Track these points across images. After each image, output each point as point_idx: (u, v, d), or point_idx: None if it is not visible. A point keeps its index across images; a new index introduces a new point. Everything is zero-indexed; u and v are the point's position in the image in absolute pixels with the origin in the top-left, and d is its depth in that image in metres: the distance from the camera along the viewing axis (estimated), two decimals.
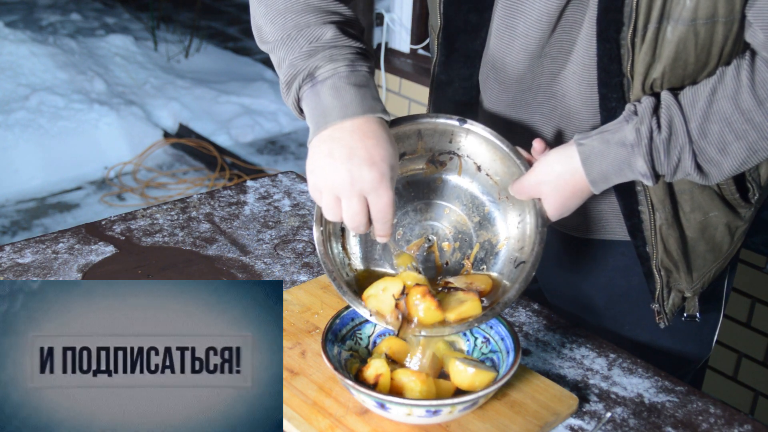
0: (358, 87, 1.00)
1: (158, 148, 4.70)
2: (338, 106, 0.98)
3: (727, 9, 0.96)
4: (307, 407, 1.00)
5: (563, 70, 1.12)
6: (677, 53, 1.00)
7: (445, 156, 1.13)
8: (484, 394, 0.94)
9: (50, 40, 5.63)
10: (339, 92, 0.99)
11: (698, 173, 1.02)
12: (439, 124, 1.11)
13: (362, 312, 1.04)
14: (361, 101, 0.99)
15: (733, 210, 1.16)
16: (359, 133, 0.97)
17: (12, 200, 4.12)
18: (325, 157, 0.97)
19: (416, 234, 1.14)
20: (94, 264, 1.34)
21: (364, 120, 0.98)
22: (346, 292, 1.04)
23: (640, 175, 1.03)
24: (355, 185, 0.96)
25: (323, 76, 1.00)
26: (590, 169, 1.04)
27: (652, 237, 1.14)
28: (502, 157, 1.10)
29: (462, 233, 1.14)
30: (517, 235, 1.10)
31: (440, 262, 1.13)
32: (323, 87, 1.00)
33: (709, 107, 0.99)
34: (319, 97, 1.00)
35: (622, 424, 1.03)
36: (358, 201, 0.97)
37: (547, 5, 1.06)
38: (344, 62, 1.01)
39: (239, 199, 1.60)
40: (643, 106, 1.01)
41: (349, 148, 0.96)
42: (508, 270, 1.09)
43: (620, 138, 1.02)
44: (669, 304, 1.20)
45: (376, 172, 0.96)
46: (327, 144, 0.97)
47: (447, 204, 1.15)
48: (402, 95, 3.30)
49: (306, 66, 1.01)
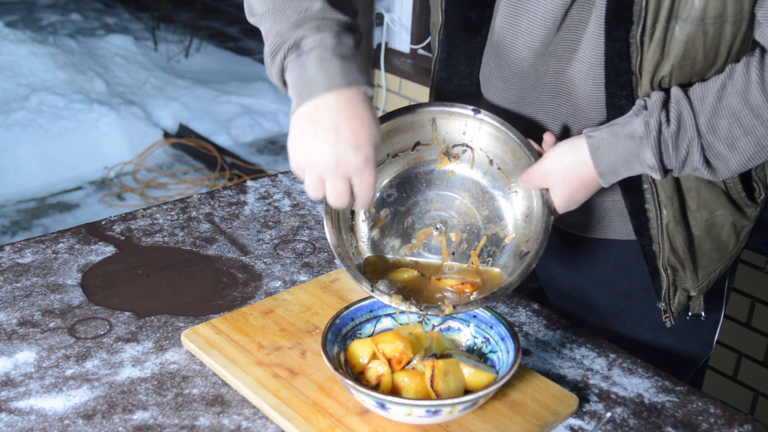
0: (344, 59, 0.98)
1: (158, 148, 4.70)
2: (323, 78, 0.97)
3: (736, 8, 0.96)
4: (307, 407, 1.00)
5: (568, 68, 1.12)
6: (686, 51, 1.00)
7: (458, 148, 1.15)
8: (484, 394, 0.94)
9: (50, 40, 5.63)
10: (324, 63, 0.97)
11: (706, 168, 1.02)
12: (454, 113, 1.13)
13: (365, 288, 1.04)
14: (347, 73, 0.97)
15: (739, 209, 1.17)
16: (344, 111, 0.96)
17: (12, 200, 4.12)
18: (310, 137, 0.96)
19: (425, 223, 1.16)
20: (94, 264, 1.34)
21: (348, 94, 0.96)
22: (350, 267, 1.06)
23: (648, 168, 1.03)
24: (339, 168, 0.96)
25: (309, 46, 0.99)
26: (599, 160, 1.04)
27: (659, 235, 1.14)
28: (513, 149, 1.11)
29: (470, 225, 1.15)
30: (524, 228, 1.11)
31: (447, 251, 1.14)
32: (308, 57, 0.98)
33: (719, 102, 0.99)
34: (303, 67, 0.98)
35: (622, 424, 1.03)
36: (343, 183, 0.97)
37: (553, 3, 1.06)
38: (330, 33, 0.99)
39: (239, 199, 1.60)
40: (652, 100, 1.02)
41: (334, 129, 0.95)
42: (513, 263, 1.09)
43: (629, 131, 1.02)
44: (675, 303, 1.21)
45: (361, 156, 0.96)
46: (312, 123, 0.96)
47: (457, 196, 1.16)
48: (402, 95, 3.30)
49: (292, 36, 1.00)
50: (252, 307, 1.21)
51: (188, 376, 1.08)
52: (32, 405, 1.01)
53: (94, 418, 0.99)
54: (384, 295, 1.04)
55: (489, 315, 1.07)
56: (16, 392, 1.03)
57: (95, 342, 1.14)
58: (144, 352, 1.12)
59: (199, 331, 1.14)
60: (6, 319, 1.18)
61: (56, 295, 1.24)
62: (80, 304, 1.22)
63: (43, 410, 1.00)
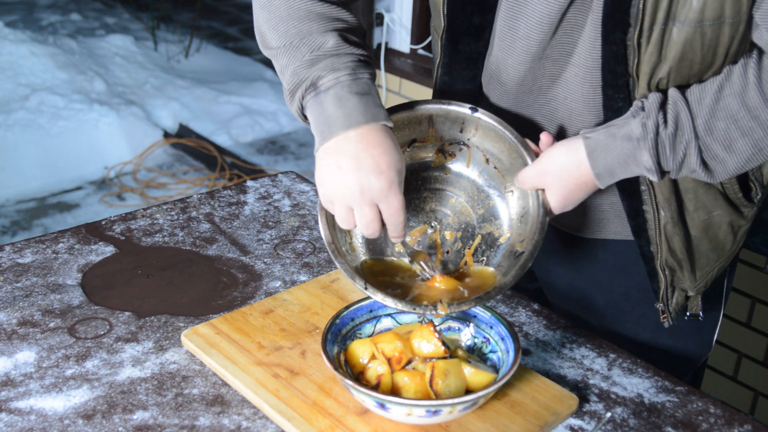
0: (361, 95, 1.01)
1: (158, 148, 4.70)
2: (342, 116, 1.00)
3: (734, 10, 0.96)
4: (307, 407, 1.00)
5: (564, 72, 1.12)
6: (683, 53, 1.00)
7: (454, 146, 1.15)
8: (484, 394, 0.94)
9: (50, 40, 5.63)
10: (342, 102, 1.00)
11: (703, 170, 1.02)
12: (451, 111, 1.12)
13: (358, 285, 1.03)
14: (364, 110, 1.00)
15: (736, 209, 1.17)
16: (364, 142, 0.98)
17: (12, 200, 4.12)
18: (334, 170, 0.99)
19: (420, 221, 1.15)
20: (94, 264, 1.34)
21: (368, 129, 0.99)
22: (342, 262, 1.04)
23: (645, 170, 1.03)
24: (365, 195, 0.98)
25: (326, 85, 1.01)
26: (595, 162, 1.04)
27: (657, 236, 1.14)
28: (509, 149, 1.11)
29: (465, 224, 1.15)
30: (519, 228, 1.11)
31: (441, 250, 1.14)
32: (326, 97, 1.01)
33: (716, 104, 0.99)
34: (322, 106, 1.01)
35: (622, 424, 1.03)
36: (370, 209, 1.00)
37: (549, 7, 1.06)
38: (346, 71, 1.02)
39: (239, 199, 1.60)
40: (650, 102, 1.01)
41: (355, 158, 0.98)
42: (507, 263, 1.09)
43: (626, 132, 1.02)
44: (673, 304, 1.21)
45: (384, 180, 0.98)
46: (334, 156, 0.99)
47: (452, 194, 1.16)
48: (402, 95, 3.30)
49: (308, 75, 1.03)
50: (252, 307, 1.21)
51: (188, 376, 1.08)
52: (32, 405, 1.01)
53: (94, 418, 0.99)
54: (377, 293, 1.03)
55: (489, 315, 1.07)
56: (16, 392, 1.03)
57: (95, 342, 1.14)
58: (144, 352, 1.12)
59: (199, 331, 1.14)
60: (6, 319, 1.18)
61: (56, 295, 1.24)
62: (80, 304, 1.22)
63: (43, 410, 1.00)
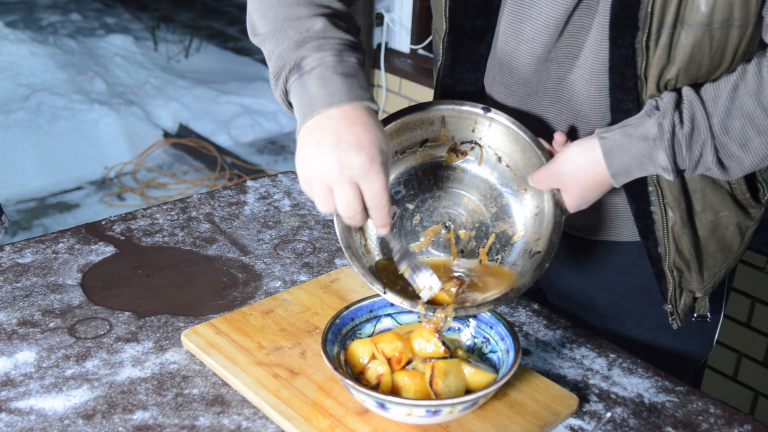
0: (345, 76, 0.98)
1: (158, 148, 4.70)
2: (324, 95, 0.97)
3: (743, 12, 0.96)
4: (307, 407, 1.00)
5: (570, 74, 1.12)
6: (692, 56, 1.00)
7: (466, 145, 1.15)
8: (484, 394, 0.94)
9: (50, 40, 5.63)
10: (325, 81, 0.97)
11: (719, 168, 1.02)
12: (464, 112, 1.12)
13: (377, 290, 1.04)
14: (348, 90, 0.97)
15: (743, 210, 1.17)
16: (346, 119, 0.95)
17: (12, 200, 4.12)
18: (313, 147, 0.95)
19: (434, 220, 1.16)
20: (94, 264, 1.34)
21: (350, 107, 0.96)
22: (359, 267, 1.05)
23: (662, 170, 1.03)
24: (344, 172, 0.94)
25: (310, 65, 0.99)
26: (612, 162, 1.04)
27: (665, 238, 1.14)
28: (523, 148, 1.11)
29: (479, 222, 1.15)
30: (534, 227, 1.11)
31: (456, 249, 1.14)
32: (310, 77, 0.98)
33: (732, 103, 0.99)
34: (305, 87, 0.98)
35: (622, 424, 1.03)
36: (350, 188, 0.95)
37: (555, 9, 1.06)
38: (331, 52, 1.00)
39: (239, 199, 1.60)
40: (665, 101, 1.01)
41: (335, 135, 0.94)
42: (522, 261, 1.09)
43: (642, 132, 1.02)
44: (681, 305, 1.21)
45: (365, 156, 0.93)
46: (314, 134, 0.95)
47: (465, 193, 1.16)
48: (402, 95, 3.30)
49: (293, 56, 1.00)
50: (252, 307, 1.21)
51: (188, 376, 1.08)
52: (32, 405, 1.01)
53: (94, 418, 0.99)
54: (398, 297, 1.03)
55: (489, 315, 1.06)
56: (16, 392, 1.03)
57: (95, 342, 1.14)
58: (144, 352, 1.12)
59: (199, 331, 1.14)
60: (6, 319, 1.18)
61: (56, 295, 1.24)
62: (80, 304, 1.22)
63: (43, 410, 1.00)
